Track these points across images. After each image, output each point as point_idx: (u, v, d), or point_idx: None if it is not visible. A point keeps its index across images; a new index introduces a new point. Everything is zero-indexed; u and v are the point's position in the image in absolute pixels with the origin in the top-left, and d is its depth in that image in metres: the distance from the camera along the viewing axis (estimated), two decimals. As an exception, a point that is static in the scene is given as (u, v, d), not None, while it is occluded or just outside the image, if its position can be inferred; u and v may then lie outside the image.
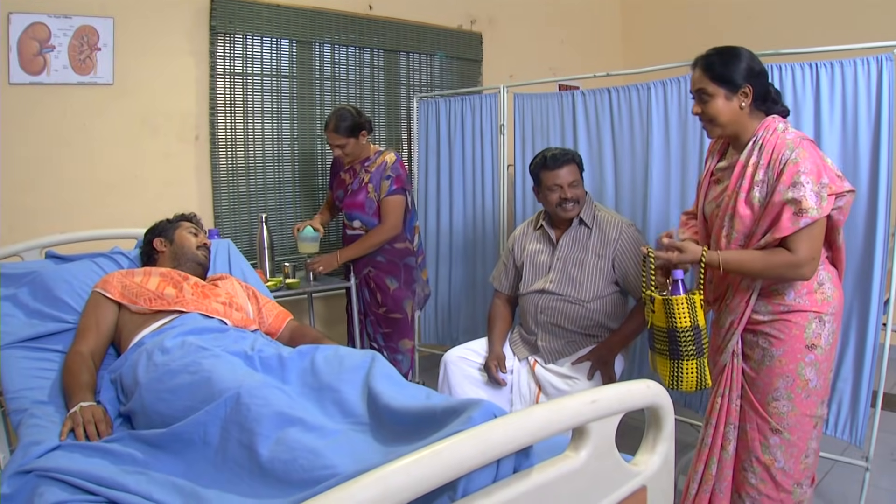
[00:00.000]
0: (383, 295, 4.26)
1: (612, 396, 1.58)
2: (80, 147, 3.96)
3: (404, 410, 1.88)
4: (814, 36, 3.03)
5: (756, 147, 2.50)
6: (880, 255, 3.07)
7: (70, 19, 3.83)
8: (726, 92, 2.54)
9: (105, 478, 1.79)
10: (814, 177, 2.33)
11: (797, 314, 2.51)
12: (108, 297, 2.78)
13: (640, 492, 1.74)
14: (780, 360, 2.53)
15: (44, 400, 2.43)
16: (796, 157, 2.35)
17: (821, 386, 2.54)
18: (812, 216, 2.31)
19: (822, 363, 2.52)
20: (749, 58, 2.54)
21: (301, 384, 2.25)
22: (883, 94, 3.03)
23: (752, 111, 2.55)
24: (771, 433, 2.57)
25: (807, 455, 2.58)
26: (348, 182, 4.27)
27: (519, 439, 1.37)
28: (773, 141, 2.46)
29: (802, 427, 2.55)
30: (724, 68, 2.54)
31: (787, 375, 2.52)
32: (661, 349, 2.62)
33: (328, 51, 4.96)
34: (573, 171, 3.39)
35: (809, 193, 2.32)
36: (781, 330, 2.53)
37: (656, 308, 2.60)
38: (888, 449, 3.87)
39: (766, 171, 2.45)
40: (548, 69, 6.16)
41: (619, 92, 4.01)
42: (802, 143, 2.39)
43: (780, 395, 2.54)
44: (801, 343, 2.50)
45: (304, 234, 4.32)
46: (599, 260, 3.38)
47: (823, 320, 2.51)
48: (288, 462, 1.73)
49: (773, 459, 2.57)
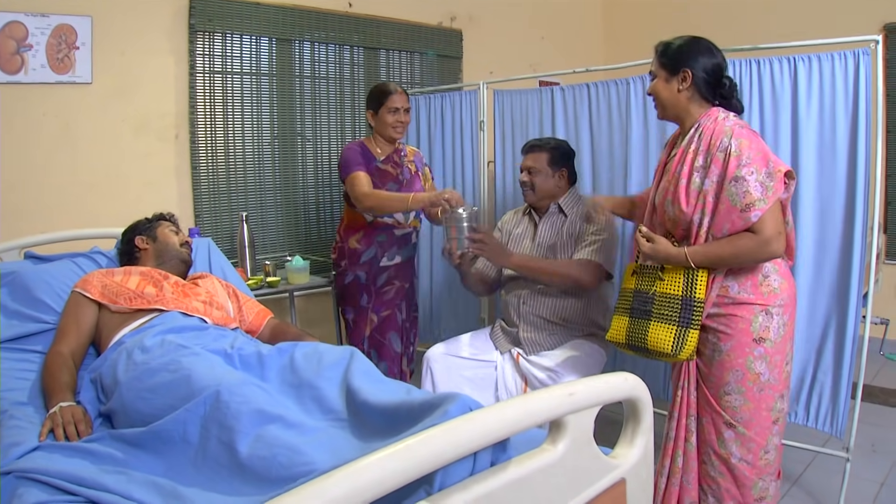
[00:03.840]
0: (414, 296, 4.18)
1: (589, 389, 1.59)
2: (59, 147, 3.94)
3: (382, 406, 1.88)
4: (792, 31, 3.06)
5: (697, 134, 2.55)
6: (858, 249, 3.10)
7: (47, 18, 3.81)
8: (666, 74, 2.64)
9: (85, 478, 1.79)
10: (757, 165, 2.37)
11: (742, 307, 2.53)
12: (88, 297, 2.77)
13: (619, 484, 1.74)
14: (729, 354, 2.55)
15: (23, 401, 2.41)
16: (737, 149, 2.39)
17: (775, 379, 2.55)
18: (761, 208, 2.35)
19: (774, 356, 2.54)
20: (701, 48, 2.60)
21: (280, 381, 2.25)
22: (860, 88, 3.06)
23: (695, 98, 2.61)
24: (725, 427, 2.59)
25: (767, 450, 2.59)
26: (396, 173, 3.90)
27: (494, 433, 1.37)
28: (711, 128, 2.51)
29: (759, 422, 2.56)
30: (669, 52, 2.63)
31: (737, 370, 2.55)
32: (667, 315, 2.60)
33: (308, 49, 4.95)
34: (537, 158, 3.51)
35: (754, 186, 2.36)
36: (728, 325, 2.55)
37: (666, 276, 2.61)
38: (869, 440, 3.92)
39: (705, 156, 2.48)
40: (528, 65, 6.16)
41: (597, 87, 4.03)
42: (742, 132, 2.43)
43: (732, 390, 2.56)
44: (748, 337, 2.53)
45: (295, 265, 4.30)
46: (570, 239, 3.46)
47: (771, 313, 2.52)
48: (267, 459, 1.73)
49: (730, 453, 2.59)
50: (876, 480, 3.51)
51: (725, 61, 2.65)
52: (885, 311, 5.42)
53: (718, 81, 2.60)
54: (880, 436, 4.03)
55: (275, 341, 2.78)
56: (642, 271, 2.74)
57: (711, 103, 2.62)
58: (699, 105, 2.61)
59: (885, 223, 5.55)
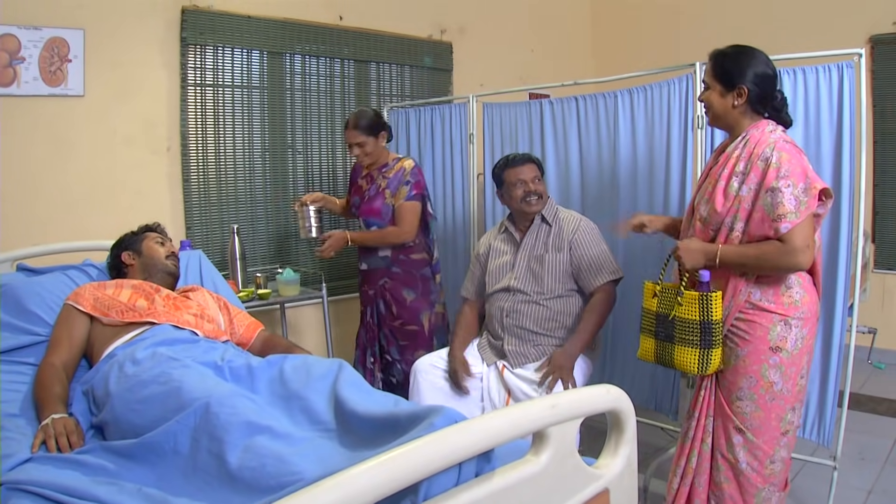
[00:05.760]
0: (399, 307, 4.16)
1: (571, 401, 1.62)
2: (51, 159, 3.96)
3: (370, 417, 1.91)
4: (778, 43, 3.10)
5: (743, 142, 2.55)
6: (844, 260, 3.12)
7: (40, 31, 3.84)
8: (722, 88, 2.61)
9: (76, 489, 1.80)
10: (794, 179, 2.36)
11: (762, 314, 2.53)
12: (80, 310, 2.78)
13: (602, 494, 1.76)
14: (745, 359, 2.56)
15: (15, 413, 2.42)
16: (777, 161, 2.39)
17: (787, 391, 2.55)
18: (792, 221, 2.35)
19: (789, 367, 2.53)
20: (758, 62, 2.58)
21: (270, 393, 2.28)
22: (844, 100, 3.09)
23: (747, 111, 2.59)
24: (734, 432, 2.60)
25: (773, 461, 2.58)
26: (365, 188, 4.19)
27: (477, 444, 1.40)
28: (757, 137, 2.51)
29: (768, 431, 2.56)
30: (726, 66, 2.60)
31: (751, 376, 2.55)
32: (688, 339, 2.61)
33: (299, 62, 4.98)
34: (534, 169, 3.50)
35: (788, 199, 2.36)
36: (747, 331, 2.55)
37: (684, 301, 2.61)
38: (857, 448, 3.95)
39: (746, 163, 2.49)
40: (518, 78, 6.18)
41: (585, 100, 4.07)
42: (785, 146, 2.42)
43: (744, 395, 2.57)
44: (766, 344, 2.52)
45: (285, 277, 4.33)
46: (558, 253, 3.44)
47: (790, 324, 2.52)
48: (256, 469, 1.76)
49: (737, 458, 2.59)
50: (863, 488, 3.54)
51: (777, 73, 2.64)
52: (873, 320, 5.46)
53: (772, 95, 2.60)
54: (869, 444, 4.05)
55: (265, 353, 2.80)
56: (662, 294, 2.75)
57: (762, 115, 2.61)
58: (751, 118, 2.60)
59: (873, 232, 5.59)
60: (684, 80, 3.59)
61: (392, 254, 4.10)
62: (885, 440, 4.13)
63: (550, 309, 3.43)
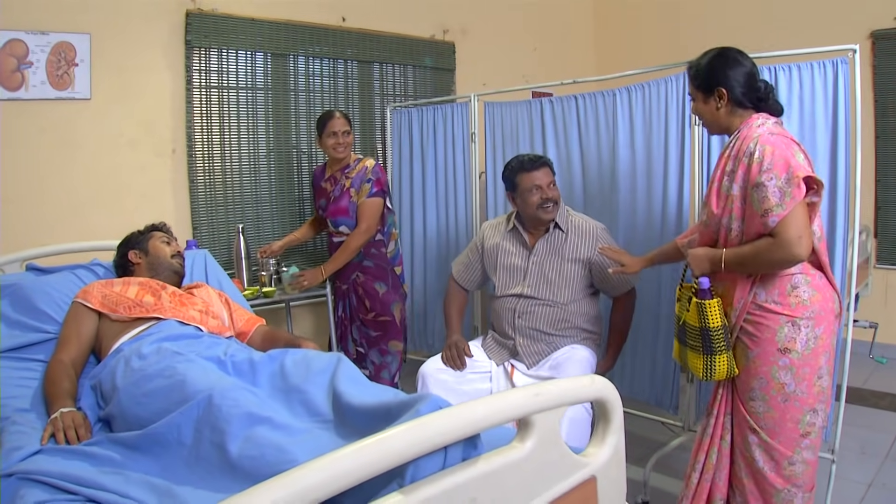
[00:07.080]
0: (372, 300, 4.32)
1: (555, 390, 1.66)
2: (58, 161, 4.02)
3: (364, 408, 1.97)
4: (774, 40, 3.11)
5: (734, 140, 2.57)
6: (840, 256, 3.14)
7: (47, 35, 3.90)
8: (703, 96, 2.66)
9: (84, 478, 1.86)
10: (777, 171, 2.35)
11: (769, 315, 2.51)
12: (89, 307, 2.84)
13: (589, 482, 1.81)
14: (755, 361, 2.55)
15: (26, 408, 2.48)
16: (760, 155, 2.39)
17: (803, 392, 2.50)
18: (778, 213, 2.34)
19: (801, 368, 2.49)
20: (728, 60, 2.61)
21: (270, 386, 2.33)
22: (839, 96, 3.11)
23: (732, 110, 2.61)
24: (749, 432, 2.59)
25: (792, 462, 2.55)
26: (330, 190, 4.34)
27: (461, 428, 1.46)
28: (744, 133, 2.53)
29: (785, 433, 2.53)
30: (700, 73, 2.65)
31: (762, 377, 2.53)
32: (694, 345, 2.66)
33: (302, 63, 5.03)
34: (549, 173, 3.43)
35: (772, 191, 2.35)
36: (755, 331, 2.54)
37: (691, 308, 2.64)
38: (857, 442, 3.96)
39: (734, 162, 2.51)
40: (521, 77, 6.21)
41: (585, 99, 4.10)
42: (769, 139, 2.42)
43: (756, 396, 2.56)
44: (773, 346, 2.51)
45: (287, 276, 4.37)
46: (575, 265, 3.41)
47: (798, 324, 2.48)
48: (256, 458, 1.82)
49: (753, 458, 2.59)
50: (863, 482, 3.54)
51: (755, 65, 2.64)
52: (875, 315, 5.48)
53: (753, 87, 2.60)
54: (870, 438, 4.05)
55: (266, 348, 2.86)
56: (679, 299, 2.78)
57: (752, 109, 2.61)
58: (740, 116, 2.61)
59: (875, 228, 5.59)
60: (681, 77, 3.61)
61: (364, 248, 4.28)
62: (887, 435, 4.13)
63: (565, 310, 3.42)
